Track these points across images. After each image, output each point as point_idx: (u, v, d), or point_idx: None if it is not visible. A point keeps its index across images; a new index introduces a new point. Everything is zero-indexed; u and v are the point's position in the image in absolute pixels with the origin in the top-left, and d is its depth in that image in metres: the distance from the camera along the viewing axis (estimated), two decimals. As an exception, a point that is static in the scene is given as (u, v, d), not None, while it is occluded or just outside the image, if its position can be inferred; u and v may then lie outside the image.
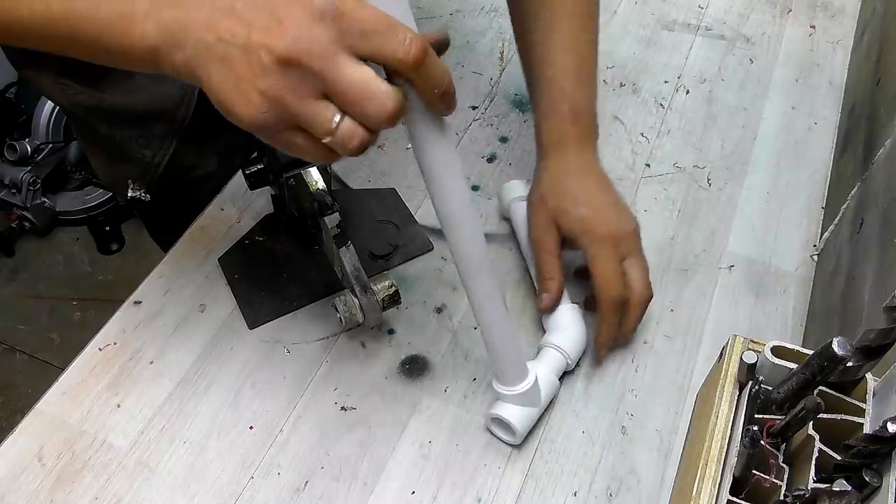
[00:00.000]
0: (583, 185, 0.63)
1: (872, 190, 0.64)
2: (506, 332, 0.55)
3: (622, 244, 0.61)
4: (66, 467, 0.56)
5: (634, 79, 0.88)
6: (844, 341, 0.43)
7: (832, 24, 0.97)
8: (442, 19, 0.94)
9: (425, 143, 0.45)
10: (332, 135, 0.38)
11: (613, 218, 0.61)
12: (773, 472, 0.46)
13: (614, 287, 0.60)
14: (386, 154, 0.79)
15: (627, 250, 0.61)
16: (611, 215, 0.61)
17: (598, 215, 0.61)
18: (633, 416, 0.61)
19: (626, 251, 0.61)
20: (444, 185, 0.47)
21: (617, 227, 0.61)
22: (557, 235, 0.62)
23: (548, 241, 0.63)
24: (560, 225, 0.62)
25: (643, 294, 0.61)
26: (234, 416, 0.59)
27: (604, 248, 0.60)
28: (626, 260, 0.61)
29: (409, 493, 0.56)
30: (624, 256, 0.61)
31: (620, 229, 0.61)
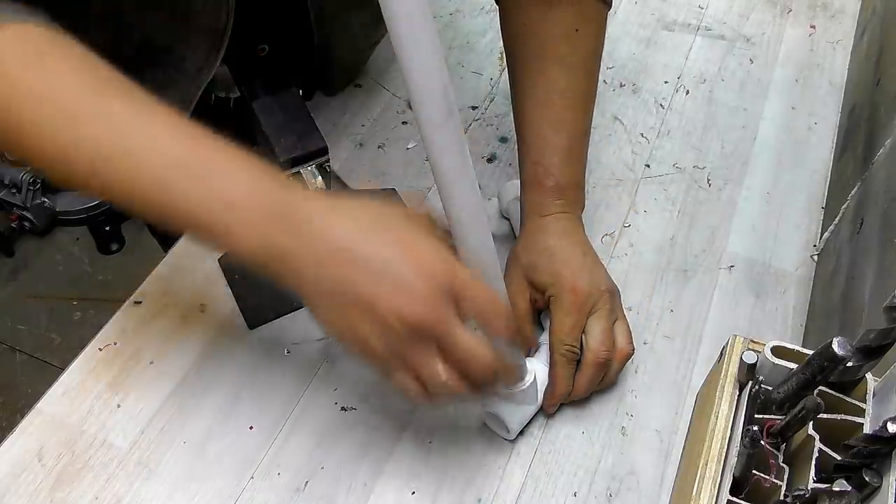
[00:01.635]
0: (560, 244, 0.61)
1: (872, 190, 0.64)
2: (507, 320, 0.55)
3: (590, 300, 0.58)
4: (66, 467, 0.56)
5: (634, 79, 0.88)
6: (844, 341, 0.43)
7: (832, 24, 0.97)
8: (442, 19, 0.94)
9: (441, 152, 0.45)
10: (439, 386, 0.43)
11: (587, 275, 0.59)
12: (773, 472, 0.46)
13: (570, 338, 0.57)
14: (386, 154, 0.79)
15: (595, 309, 0.58)
16: (583, 272, 0.59)
17: (569, 269, 0.59)
18: (633, 416, 0.61)
19: (597, 309, 0.58)
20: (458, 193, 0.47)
21: (589, 283, 0.58)
22: (528, 295, 0.61)
23: (519, 301, 0.61)
24: (532, 280, 0.60)
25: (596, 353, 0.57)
26: (234, 416, 0.59)
27: (567, 300, 0.58)
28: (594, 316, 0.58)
29: (409, 493, 0.56)
30: (590, 313, 0.58)
31: (592, 285, 0.58)
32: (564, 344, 0.57)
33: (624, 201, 0.76)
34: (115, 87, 0.44)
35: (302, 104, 0.64)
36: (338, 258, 0.42)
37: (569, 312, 0.58)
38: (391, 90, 0.85)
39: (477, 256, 0.50)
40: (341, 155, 0.78)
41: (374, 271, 0.41)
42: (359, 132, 0.81)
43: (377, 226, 0.44)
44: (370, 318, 0.41)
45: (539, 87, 0.64)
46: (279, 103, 0.64)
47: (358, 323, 0.42)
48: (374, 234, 0.43)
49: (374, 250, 0.42)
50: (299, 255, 0.42)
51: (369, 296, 0.41)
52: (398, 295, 0.41)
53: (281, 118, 0.63)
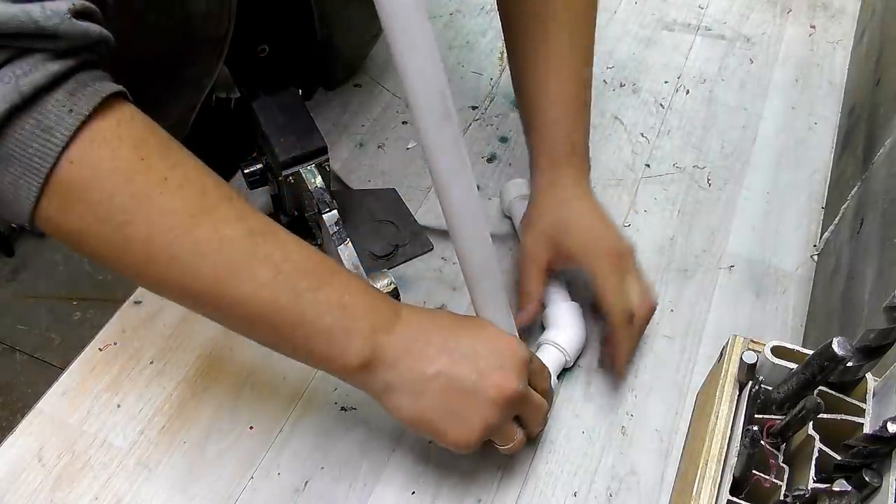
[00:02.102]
0: (579, 207, 0.62)
1: (872, 190, 0.64)
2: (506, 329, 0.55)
3: (624, 261, 0.61)
4: (66, 467, 0.56)
5: (634, 79, 0.88)
6: (844, 341, 0.43)
7: (832, 24, 0.97)
8: (442, 19, 0.94)
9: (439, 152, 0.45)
10: (511, 446, 0.52)
11: (614, 237, 0.61)
12: (773, 472, 0.46)
13: (624, 299, 0.59)
14: (386, 154, 0.79)
15: (626, 268, 0.61)
16: (611, 235, 0.61)
17: (598, 235, 0.61)
18: (633, 416, 0.61)
19: (626, 269, 0.61)
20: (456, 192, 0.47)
21: (618, 245, 0.61)
22: (547, 256, 0.62)
23: (537, 260, 0.62)
24: (557, 244, 0.61)
25: (650, 305, 0.61)
26: (234, 416, 0.59)
27: (607, 263, 0.60)
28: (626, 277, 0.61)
29: (409, 493, 0.56)
30: (624, 273, 0.61)
31: (622, 247, 0.61)
32: (618, 306, 0.59)
33: (624, 201, 0.76)
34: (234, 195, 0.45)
35: (301, 104, 0.64)
36: (435, 353, 0.48)
37: (611, 275, 0.59)
38: (391, 90, 0.85)
39: (475, 256, 0.50)
40: (341, 155, 0.78)
41: (470, 360, 0.48)
42: (359, 132, 0.81)
43: (460, 324, 0.51)
44: (475, 399, 0.48)
45: (539, 61, 0.64)
46: (279, 103, 0.64)
47: (460, 406, 0.48)
48: (459, 330, 0.50)
49: (464, 344, 0.49)
50: (407, 354, 0.48)
51: (471, 381, 0.48)
52: (497, 376, 0.48)
53: (281, 118, 0.63)
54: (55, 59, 0.37)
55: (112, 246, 0.41)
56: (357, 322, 0.46)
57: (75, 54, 0.38)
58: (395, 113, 0.82)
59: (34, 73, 0.36)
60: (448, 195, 0.47)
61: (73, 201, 0.39)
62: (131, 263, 0.43)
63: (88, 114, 0.38)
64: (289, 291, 0.44)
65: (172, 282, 0.43)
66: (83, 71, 0.38)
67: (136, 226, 0.40)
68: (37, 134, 0.36)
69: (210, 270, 0.42)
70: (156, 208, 0.40)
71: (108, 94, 0.39)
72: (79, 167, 0.38)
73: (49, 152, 0.37)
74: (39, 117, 0.36)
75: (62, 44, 0.37)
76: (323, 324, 0.45)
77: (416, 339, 0.48)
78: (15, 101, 0.35)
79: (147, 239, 0.40)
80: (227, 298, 0.43)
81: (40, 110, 0.36)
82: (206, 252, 0.42)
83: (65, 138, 0.37)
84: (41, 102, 0.36)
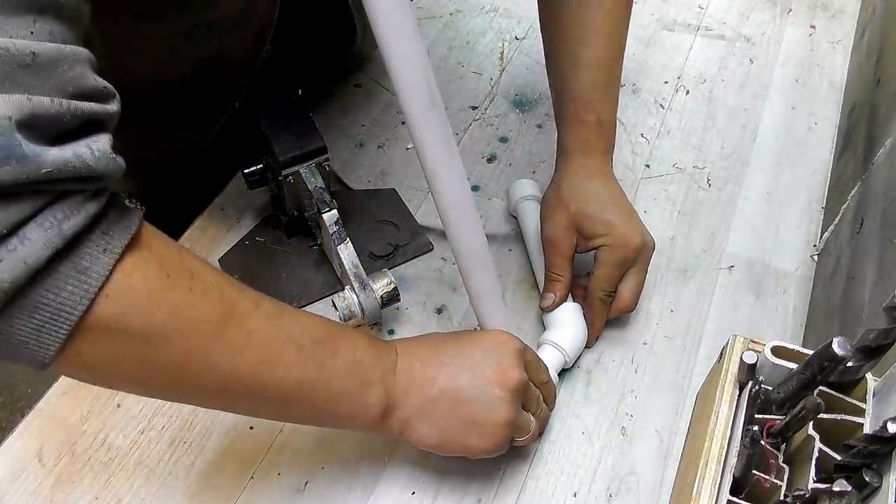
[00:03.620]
0: (606, 191, 0.63)
1: (872, 190, 0.64)
2: (504, 326, 0.55)
3: (637, 255, 0.61)
4: (66, 467, 0.56)
5: (634, 79, 0.88)
6: (844, 341, 0.43)
7: (832, 24, 0.97)
8: (442, 19, 0.94)
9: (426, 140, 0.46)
10: (528, 434, 0.53)
11: (638, 230, 0.62)
12: (773, 472, 0.46)
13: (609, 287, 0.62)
14: (386, 154, 0.79)
15: (637, 262, 0.62)
16: (635, 227, 0.62)
17: (623, 223, 0.61)
18: (633, 416, 0.61)
19: (636, 263, 0.62)
20: (445, 180, 0.48)
21: (640, 240, 0.61)
22: (574, 240, 0.62)
23: (564, 243, 0.63)
24: (581, 227, 0.62)
25: (627, 304, 0.63)
26: (234, 416, 0.59)
27: (619, 253, 0.61)
28: (633, 269, 0.62)
29: (409, 493, 0.56)
30: (631, 267, 0.62)
31: (643, 242, 0.61)
32: (604, 290, 0.62)
33: (624, 201, 0.76)
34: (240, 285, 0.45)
35: (301, 104, 0.64)
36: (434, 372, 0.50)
37: (617, 265, 0.61)
38: (391, 90, 0.85)
39: (466, 243, 0.51)
40: (341, 155, 0.78)
41: (465, 367, 0.50)
42: (359, 132, 0.81)
43: (446, 338, 0.53)
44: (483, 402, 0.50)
45: (574, 27, 0.64)
46: (278, 103, 0.64)
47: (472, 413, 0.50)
48: (448, 345, 0.52)
49: (455, 353, 0.51)
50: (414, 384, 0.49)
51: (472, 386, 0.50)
52: (496, 372, 0.50)
53: (280, 118, 0.63)
54: (91, 198, 0.35)
55: (151, 369, 0.41)
56: (369, 374, 0.48)
57: (106, 191, 0.37)
58: (395, 113, 0.82)
59: (76, 217, 0.34)
60: (437, 181, 0.48)
61: (109, 335, 0.38)
62: (169, 380, 0.42)
63: (122, 250, 0.37)
64: (314, 364, 0.46)
65: (211, 386, 0.43)
66: (113, 206, 0.37)
67: (175, 343, 0.40)
68: (71, 276, 0.35)
69: (246, 366, 0.43)
70: (189, 321, 0.40)
71: (137, 227, 0.38)
72: (114, 302, 0.36)
73: (85, 294, 0.35)
74: (76, 260, 0.35)
75: (104, 184, 0.36)
76: (345, 388, 0.47)
77: (414, 367, 0.50)
78: (58, 246, 0.34)
79: (184, 356, 0.40)
80: (265, 387, 0.44)
81: (77, 253, 0.35)
82: (239, 349, 0.42)
83: (101, 278, 0.36)
84: (79, 246, 0.35)
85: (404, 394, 0.49)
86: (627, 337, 0.66)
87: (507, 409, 0.50)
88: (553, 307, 0.63)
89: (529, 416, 0.53)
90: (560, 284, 0.63)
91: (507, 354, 0.51)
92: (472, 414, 0.50)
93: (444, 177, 0.47)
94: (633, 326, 0.66)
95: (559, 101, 0.65)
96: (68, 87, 0.33)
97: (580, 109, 0.63)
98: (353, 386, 0.47)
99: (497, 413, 0.50)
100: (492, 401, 0.50)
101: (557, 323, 0.63)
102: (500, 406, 0.50)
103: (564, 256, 0.63)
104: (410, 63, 0.43)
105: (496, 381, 0.50)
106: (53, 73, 0.32)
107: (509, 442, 0.52)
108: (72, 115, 0.33)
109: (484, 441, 0.50)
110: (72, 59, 0.33)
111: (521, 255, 0.71)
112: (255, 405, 0.47)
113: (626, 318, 0.66)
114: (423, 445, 0.51)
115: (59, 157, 0.32)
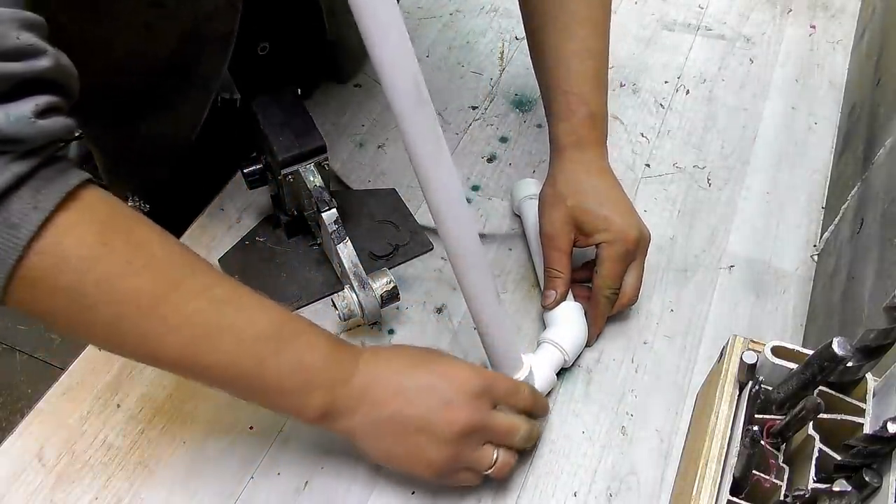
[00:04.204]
0: (602, 185, 0.63)
1: (872, 190, 0.64)
2: (498, 321, 0.55)
3: (637, 248, 0.61)
4: (66, 467, 0.56)
5: (634, 79, 0.88)
6: (844, 341, 0.43)
7: (832, 24, 0.97)
8: (442, 19, 0.94)
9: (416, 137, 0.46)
10: (492, 468, 0.52)
11: (635, 223, 0.62)
12: (773, 472, 0.46)
13: (614, 283, 0.62)
14: (386, 154, 0.79)
15: (636, 256, 0.62)
16: (632, 220, 0.62)
17: (621, 217, 0.61)
18: (633, 416, 0.61)
19: (632, 256, 0.62)
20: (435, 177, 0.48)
21: (638, 234, 0.61)
22: (572, 235, 0.62)
23: (562, 238, 0.62)
24: (580, 223, 0.62)
25: (631, 298, 0.63)
26: (234, 416, 0.59)
27: (620, 249, 0.61)
28: (634, 263, 0.62)
29: (409, 493, 0.56)
30: (629, 261, 0.62)
31: (641, 236, 0.61)
32: (610, 288, 0.62)
33: (624, 201, 0.76)
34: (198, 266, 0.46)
35: (300, 103, 0.64)
36: (389, 396, 0.50)
37: (619, 260, 0.61)
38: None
39: (457, 240, 0.51)
40: (341, 155, 0.78)
41: (421, 398, 0.50)
42: (359, 132, 0.81)
43: (414, 361, 0.52)
44: (426, 436, 0.50)
45: (560, 19, 0.64)
46: (278, 102, 0.64)
47: (415, 444, 0.50)
48: (414, 369, 0.51)
49: (417, 382, 0.51)
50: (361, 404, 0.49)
51: (421, 418, 0.49)
52: (445, 411, 0.49)
53: (279, 117, 0.63)
54: (20, 159, 0.38)
55: (81, 327, 0.44)
56: (315, 379, 0.48)
57: (40, 152, 0.39)
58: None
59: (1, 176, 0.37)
60: (426, 178, 0.48)
61: (41, 289, 0.41)
62: (101, 342, 0.46)
63: (53, 209, 0.39)
64: (251, 358, 0.46)
65: (142, 355, 0.46)
66: (48, 166, 0.40)
67: (102, 309, 0.42)
68: (2, 230, 0.38)
69: (177, 344, 0.44)
70: (119, 292, 0.42)
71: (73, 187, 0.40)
72: (44, 257, 0.39)
73: (14, 247, 0.38)
74: (6, 215, 0.38)
75: (26, 146, 0.38)
76: (283, 386, 0.48)
77: (370, 385, 0.50)
78: None
79: (113, 320, 0.43)
80: (196, 367, 0.46)
81: (6, 209, 0.38)
82: (172, 328, 0.44)
83: (30, 233, 0.38)
84: (6, 202, 0.38)
85: (352, 407, 0.49)
86: (628, 336, 0.66)
87: (448, 449, 0.50)
88: (555, 304, 0.63)
89: (492, 451, 0.52)
90: (560, 281, 0.63)
91: (464, 394, 0.50)
92: (415, 445, 0.50)
93: (433, 173, 0.47)
94: (633, 326, 0.66)
95: (548, 95, 0.65)
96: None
97: (570, 102, 0.63)
98: (293, 386, 0.48)
99: (438, 450, 0.50)
100: (435, 438, 0.50)
101: (557, 321, 0.63)
102: (443, 446, 0.50)
103: (563, 251, 0.63)
104: (396, 59, 0.43)
105: (444, 419, 0.50)
106: None
107: (458, 474, 0.52)
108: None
109: (423, 471, 0.51)
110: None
111: (521, 255, 0.71)
112: (191, 378, 0.48)
113: (627, 317, 0.66)
114: (366, 457, 0.52)
115: None
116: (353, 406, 0.49)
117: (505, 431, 0.53)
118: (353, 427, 0.50)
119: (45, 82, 0.38)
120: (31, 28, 0.37)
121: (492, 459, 0.52)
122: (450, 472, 0.52)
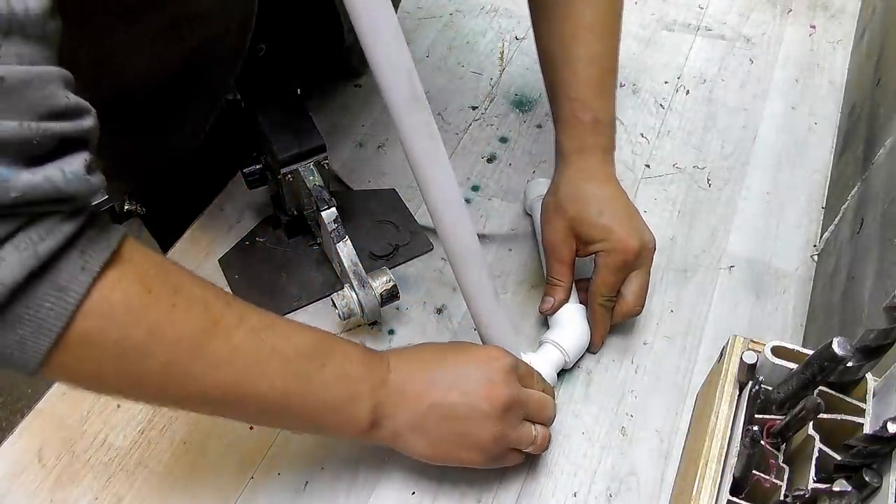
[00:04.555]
0: (604, 194, 0.62)
1: (872, 190, 0.64)
2: (497, 321, 0.55)
3: (637, 258, 0.60)
4: (66, 467, 0.56)
5: (634, 79, 0.88)
6: (844, 341, 0.43)
7: (832, 24, 0.97)
8: (442, 19, 0.94)
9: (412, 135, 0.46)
10: (535, 443, 0.53)
11: (636, 232, 0.60)
12: (773, 472, 0.46)
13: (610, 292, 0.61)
14: (386, 154, 0.79)
15: (638, 265, 0.61)
16: (633, 228, 0.61)
17: (621, 226, 0.60)
18: (633, 416, 0.61)
19: (637, 265, 0.61)
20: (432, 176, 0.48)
21: (639, 242, 0.60)
22: (573, 245, 0.62)
23: (563, 249, 0.62)
24: (579, 233, 0.61)
25: (632, 307, 0.62)
26: (234, 416, 0.59)
27: (617, 259, 0.60)
28: (630, 274, 0.61)
29: (409, 493, 0.56)
30: (632, 270, 0.61)
31: (642, 244, 0.60)
32: (604, 296, 0.61)
33: (624, 201, 0.76)
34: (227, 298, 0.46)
35: (299, 103, 0.64)
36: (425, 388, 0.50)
37: (616, 270, 0.60)
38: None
39: (454, 239, 0.51)
40: (341, 155, 0.78)
41: (457, 384, 0.51)
42: (359, 132, 0.81)
43: (439, 353, 0.53)
44: (470, 419, 0.50)
45: (566, 24, 0.63)
46: (277, 102, 0.64)
47: (462, 429, 0.51)
48: (442, 359, 0.52)
49: (449, 370, 0.52)
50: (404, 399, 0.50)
51: (462, 403, 0.50)
52: (484, 390, 0.50)
53: (279, 117, 0.63)
54: (68, 219, 0.37)
55: (132, 379, 0.42)
56: (359, 387, 0.49)
57: (83, 210, 0.38)
58: (395, 113, 0.82)
59: (50, 238, 0.36)
60: (423, 177, 0.48)
61: (89, 349, 0.39)
62: (152, 391, 0.44)
63: (100, 269, 0.38)
64: (298, 378, 0.46)
65: (193, 397, 0.44)
66: (92, 225, 0.38)
67: (153, 358, 0.41)
68: (50, 294, 0.36)
69: (228, 378, 0.44)
70: (170, 336, 0.41)
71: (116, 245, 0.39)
72: (92, 318, 0.38)
73: (63, 311, 0.37)
74: (54, 278, 0.36)
75: (77, 204, 0.37)
76: (332, 398, 0.48)
77: (406, 382, 0.50)
78: (34, 266, 0.35)
79: (165, 366, 0.41)
80: (247, 398, 0.45)
81: (55, 272, 0.36)
82: (220, 363, 0.43)
83: (79, 296, 0.37)
84: (56, 265, 0.36)
85: (394, 407, 0.50)
86: (627, 337, 0.66)
87: (495, 426, 0.51)
88: (552, 310, 0.63)
89: (531, 427, 0.53)
90: (559, 289, 0.63)
91: (498, 371, 0.51)
92: (462, 430, 0.51)
93: (429, 172, 0.48)
94: (633, 326, 0.66)
95: (554, 101, 0.65)
96: (38, 109, 0.33)
97: (575, 108, 0.63)
98: (341, 399, 0.48)
99: (486, 429, 0.51)
100: (480, 418, 0.50)
101: (560, 323, 0.63)
102: (490, 423, 0.50)
103: (564, 262, 0.62)
104: (391, 58, 0.43)
105: (485, 397, 0.50)
106: (22, 96, 0.33)
107: (506, 454, 0.53)
108: (42, 136, 0.34)
109: (475, 455, 0.52)
110: (41, 79, 0.33)
111: (521, 256, 0.71)
112: (241, 414, 0.48)
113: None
114: (415, 456, 0.52)
115: (29, 182, 0.33)
116: (395, 406, 0.50)
117: (539, 405, 0.54)
118: (397, 428, 0.50)
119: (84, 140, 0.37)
120: (70, 85, 0.36)
121: (532, 435, 0.53)
122: (498, 453, 0.52)
